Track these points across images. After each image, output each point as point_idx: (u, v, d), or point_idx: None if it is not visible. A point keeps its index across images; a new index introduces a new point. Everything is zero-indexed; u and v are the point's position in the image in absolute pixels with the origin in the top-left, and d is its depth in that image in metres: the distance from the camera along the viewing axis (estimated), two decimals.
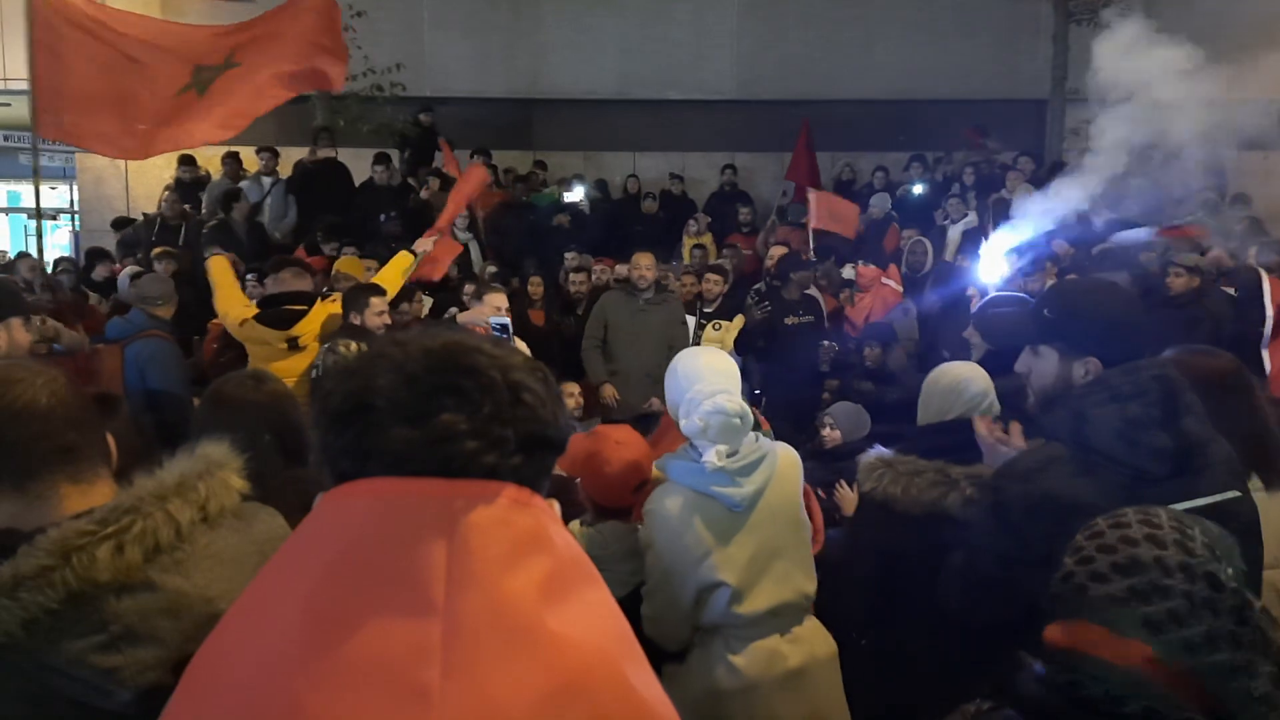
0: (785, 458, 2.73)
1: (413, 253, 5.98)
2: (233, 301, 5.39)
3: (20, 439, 1.45)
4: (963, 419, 2.83)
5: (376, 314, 5.13)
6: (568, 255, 9.25)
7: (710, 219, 11.54)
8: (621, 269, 8.15)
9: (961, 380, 2.93)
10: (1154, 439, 2.01)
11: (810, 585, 2.74)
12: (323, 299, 5.47)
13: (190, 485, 1.48)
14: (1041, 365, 2.33)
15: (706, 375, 2.63)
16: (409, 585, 0.87)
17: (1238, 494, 1.97)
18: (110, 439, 1.60)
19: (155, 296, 5.57)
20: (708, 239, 10.93)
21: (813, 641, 2.73)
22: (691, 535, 2.57)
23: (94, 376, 5.01)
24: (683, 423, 2.62)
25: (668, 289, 7.10)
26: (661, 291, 6.88)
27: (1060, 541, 1.99)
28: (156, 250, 8.52)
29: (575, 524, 2.94)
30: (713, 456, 2.53)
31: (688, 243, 10.61)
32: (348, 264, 7.18)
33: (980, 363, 3.16)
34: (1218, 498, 1.89)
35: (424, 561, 0.87)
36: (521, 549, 0.92)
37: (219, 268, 5.57)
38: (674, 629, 2.65)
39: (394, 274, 5.80)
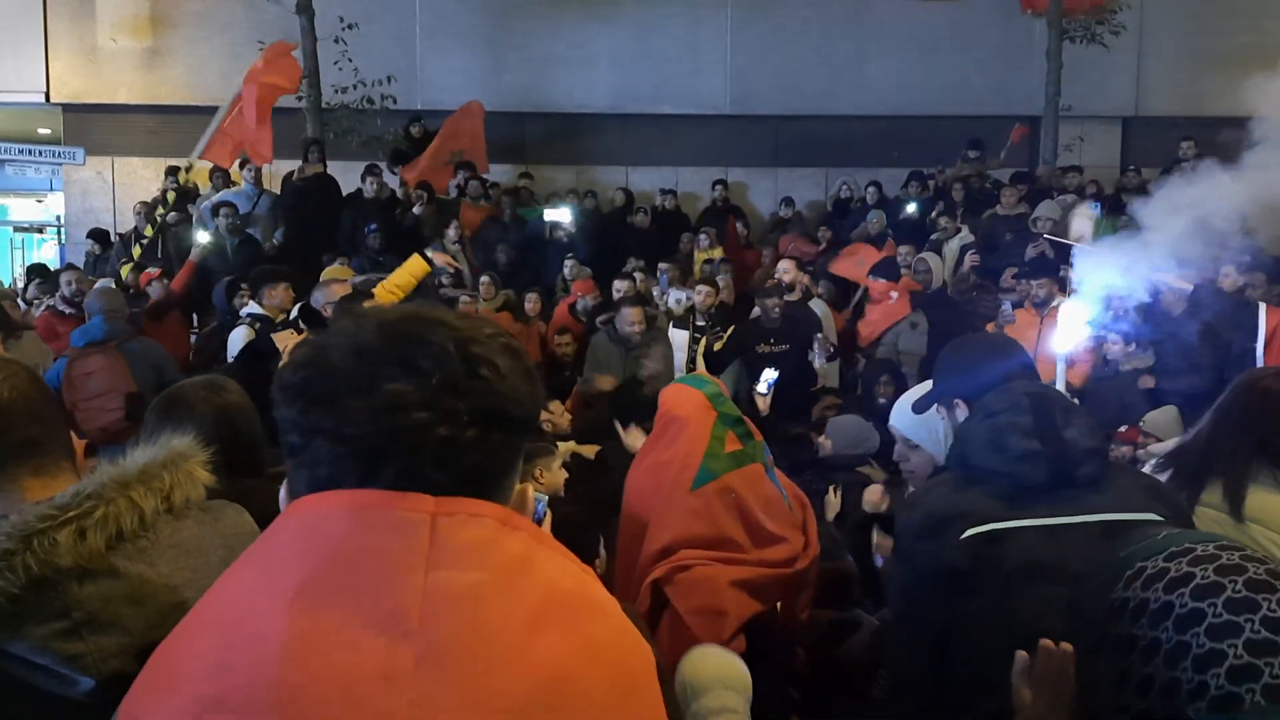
0: None
1: (426, 258, 5.85)
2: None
3: None
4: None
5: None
6: (567, 264, 9.39)
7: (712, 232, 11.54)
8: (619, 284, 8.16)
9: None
10: (1020, 443, 2.01)
11: None
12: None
13: (154, 474, 1.45)
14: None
15: (714, 688, 2.29)
16: (385, 608, 0.83)
17: (1153, 517, 1.91)
18: (74, 435, 1.59)
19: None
20: (718, 252, 10.89)
21: None
22: None
23: None
24: None
25: (654, 322, 7.21)
26: (650, 330, 6.94)
27: (946, 552, 2.00)
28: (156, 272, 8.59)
29: None
30: None
31: (699, 257, 10.60)
32: (336, 272, 7.07)
33: None
34: (1124, 516, 1.87)
35: (401, 584, 0.84)
36: (508, 573, 0.89)
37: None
38: None
39: (403, 276, 5.70)
